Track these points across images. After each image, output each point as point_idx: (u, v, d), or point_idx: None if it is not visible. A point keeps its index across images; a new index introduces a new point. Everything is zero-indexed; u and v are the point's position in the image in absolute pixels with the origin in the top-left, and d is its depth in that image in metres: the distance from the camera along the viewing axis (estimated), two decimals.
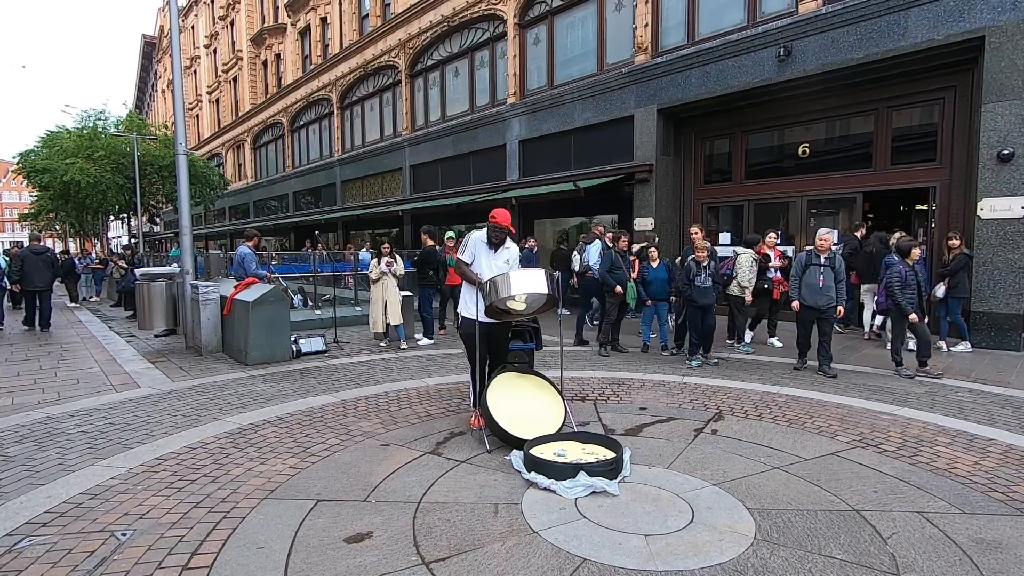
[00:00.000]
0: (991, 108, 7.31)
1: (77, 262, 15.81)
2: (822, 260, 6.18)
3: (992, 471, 3.50)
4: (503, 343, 4.50)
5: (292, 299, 9.48)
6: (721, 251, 8.90)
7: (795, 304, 6.32)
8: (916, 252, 6.31)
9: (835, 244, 8.75)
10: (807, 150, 9.90)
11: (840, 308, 6.23)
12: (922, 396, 5.26)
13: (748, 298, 7.52)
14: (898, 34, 8.01)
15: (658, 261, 7.45)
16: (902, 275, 6.06)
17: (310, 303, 10.93)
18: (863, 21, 8.29)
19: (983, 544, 2.64)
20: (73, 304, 14.72)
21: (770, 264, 7.70)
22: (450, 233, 9.27)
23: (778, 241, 8.20)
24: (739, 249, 7.77)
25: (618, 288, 7.28)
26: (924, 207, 9.30)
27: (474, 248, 4.34)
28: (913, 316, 6.00)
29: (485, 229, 4.38)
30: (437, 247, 8.75)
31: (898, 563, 2.49)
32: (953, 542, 2.66)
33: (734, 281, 7.54)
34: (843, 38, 8.49)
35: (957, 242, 7.20)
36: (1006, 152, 7.16)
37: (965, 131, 8.12)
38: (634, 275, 7.89)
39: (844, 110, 9.36)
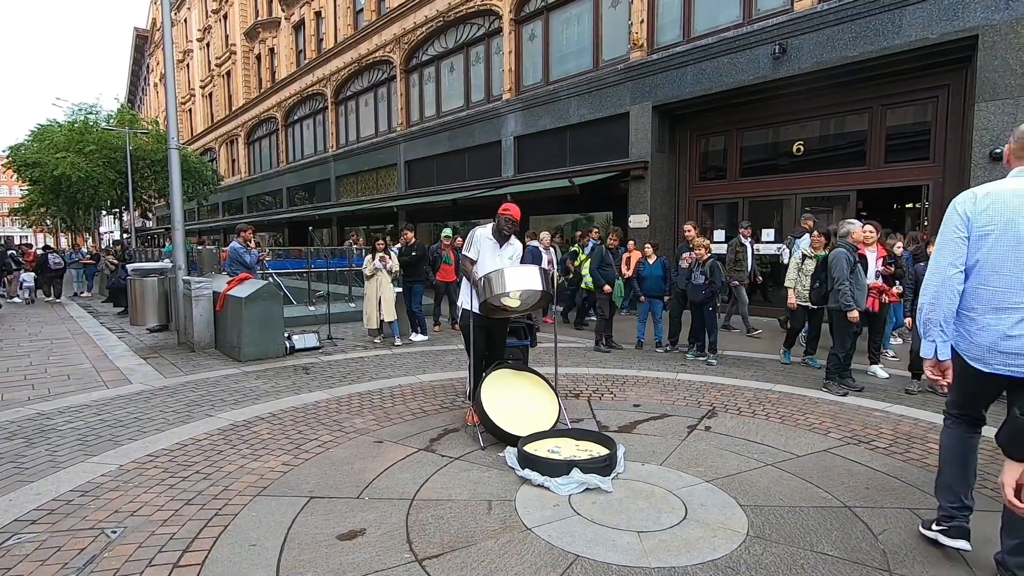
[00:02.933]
0: (984, 107, 7.35)
1: (50, 258, 15.26)
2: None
3: (981, 468, 3.51)
4: (501, 338, 4.49)
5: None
6: (716, 248, 8.88)
7: (854, 315, 5.15)
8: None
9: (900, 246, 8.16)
10: (802, 148, 9.92)
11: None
12: (914, 394, 5.29)
13: (791, 301, 6.47)
14: (892, 32, 8.03)
15: (654, 258, 7.45)
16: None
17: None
18: (858, 19, 8.31)
19: (974, 540, 2.66)
20: (50, 300, 14.68)
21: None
22: (447, 231, 9.23)
23: (876, 236, 6.05)
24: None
25: (606, 286, 7.30)
26: (917, 205, 9.35)
27: (479, 245, 4.30)
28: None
29: (490, 225, 4.36)
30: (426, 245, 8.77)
31: (889, 559, 2.51)
32: None
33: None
34: (838, 36, 8.51)
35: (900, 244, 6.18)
36: (998, 151, 7.19)
37: (958, 130, 8.16)
38: (629, 272, 7.91)
39: (839, 108, 9.39)
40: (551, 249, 9.30)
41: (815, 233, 6.41)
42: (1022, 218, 2.23)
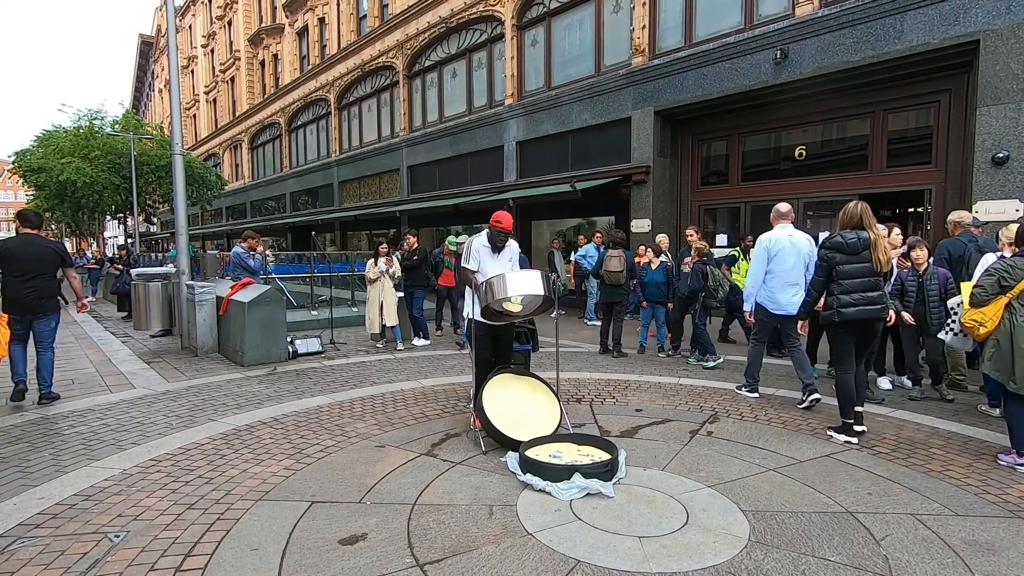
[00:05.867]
0: (986, 111, 7.34)
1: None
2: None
3: (985, 473, 3.51)
4: (507, 344, 4.51)
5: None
6: (719, 252, 8.89)
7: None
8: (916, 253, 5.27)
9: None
10: (803, 152, 9.92)
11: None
12: (917, 400, 5.27)
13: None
14: (894, 37, 8.04)
15: (657, 263, 7.45)
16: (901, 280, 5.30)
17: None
18: (859, 24, 8.32)
19: (976, 546, 2.65)
20: None
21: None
22: (452, 238, 9.24)
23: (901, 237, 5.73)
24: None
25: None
26: (920, 210, 9.34)
27: (477, 254, 4.35)
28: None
29: (485, 233, 4.39)
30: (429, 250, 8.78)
31: (891, 565, 2.50)
32: (946, 544, 2.67)
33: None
34: (839, 41, 8.52)
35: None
36: (1000, 155, 7.19)
37: (960, 134, 8.15)
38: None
39: (840, 113, 9.39)
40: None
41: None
42: (787, 248, 4.99)
